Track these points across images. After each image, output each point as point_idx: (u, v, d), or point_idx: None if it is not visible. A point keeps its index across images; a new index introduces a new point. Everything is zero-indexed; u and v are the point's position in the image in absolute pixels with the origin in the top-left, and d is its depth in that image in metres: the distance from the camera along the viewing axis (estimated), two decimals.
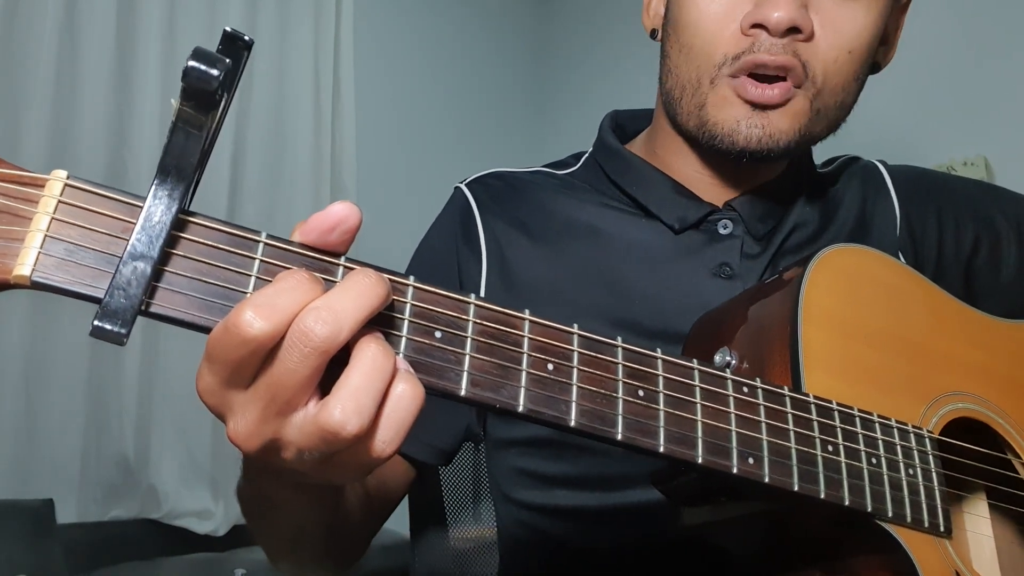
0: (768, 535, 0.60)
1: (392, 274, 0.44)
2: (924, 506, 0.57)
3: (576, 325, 0.48)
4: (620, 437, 0.47)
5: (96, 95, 2.21)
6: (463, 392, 0.44)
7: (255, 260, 0.41)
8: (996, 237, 0.86)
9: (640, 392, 0.48)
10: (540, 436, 0.81)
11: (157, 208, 0.39)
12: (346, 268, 0.43)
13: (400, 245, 1.11)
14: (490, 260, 0.84)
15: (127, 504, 2.19)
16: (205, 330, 0.40)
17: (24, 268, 0.37)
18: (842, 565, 0.57)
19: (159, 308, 0.39)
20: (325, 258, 0.43)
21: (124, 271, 0.38)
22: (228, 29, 0.39)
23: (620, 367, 0.48)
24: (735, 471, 0.50)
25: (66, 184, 0.39)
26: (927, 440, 0.59)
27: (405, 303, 0.44)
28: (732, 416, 0.51)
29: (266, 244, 0.42)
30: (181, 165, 0.39)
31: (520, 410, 0.45)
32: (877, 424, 0.57)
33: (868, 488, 0.54)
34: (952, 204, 0.87)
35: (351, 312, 0.39)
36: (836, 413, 0.55)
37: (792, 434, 0.53)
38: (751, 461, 0.51)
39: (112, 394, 2.19)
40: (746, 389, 0.52)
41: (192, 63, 0.37)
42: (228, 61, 0.38)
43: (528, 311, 0.47)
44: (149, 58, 2.30)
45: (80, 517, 2.11)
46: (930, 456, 0.59)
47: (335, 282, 0.42)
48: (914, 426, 0.59)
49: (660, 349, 0.50)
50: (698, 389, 0.51)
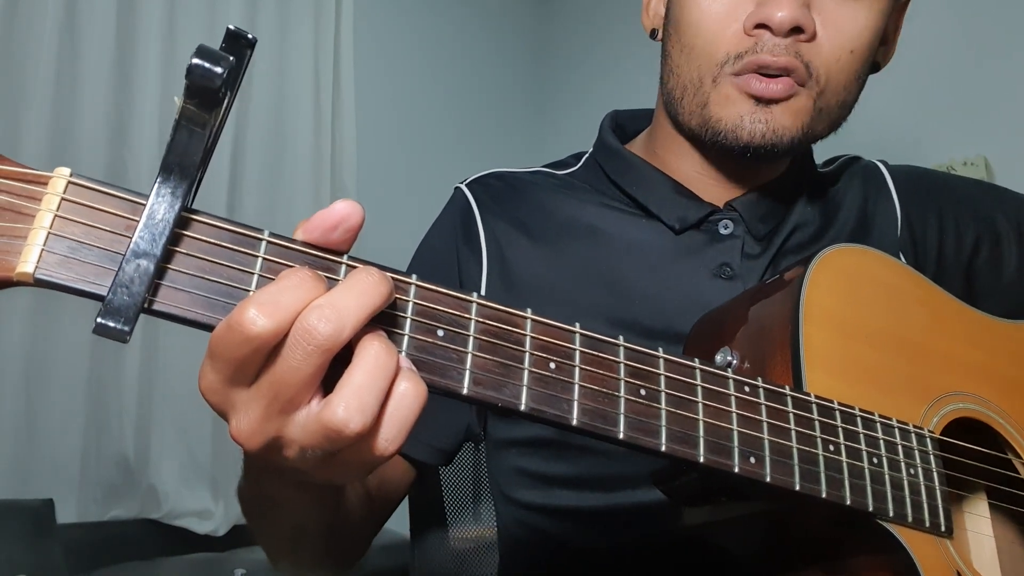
0: (769, 535, 0.60)
1: (395, 272, 0.44)
2: (925, 506, 0.57)
3: (578, 324, 0.48)
4: (622, 436, 0.47)
5: (96, 95, 2.21)
6: (465, 390, 0.44)
7: (258, 258, 0.42)
8: (997, 237, 0.86)
9: (642, 391, 0.48)
10: (540, 436, 0.81)
11: (160, 206, 0.39)
12: (349, 266, 0.43)
13: (400, 245, 1.11)
14: (490, 260, 0.84)
15: (127, 504, 2.19)
16: (208, 328, 0.40)
17: (27, 265, 0.37)
18: (843, 565, 0.57)
19: (162, 306, 0.39)
20: (328, 256, 0.43)
21: (127, 268, 0.38)
22: (231, 27, 0.39)
23: (622, 366, 0.48)
24: (736, 470, 0.50)
25: (70, 181, 0.39)
26: (928, 440, 0.59)
27: (408, 301, 0.44)
28: (734, 415, 0.51)
29: (269, 242, 0.42)
30: (184, 163, 0.39)
31: (522, 409, 0.45)
32: (878, 424, 0.57)
33: (869, 488, 0.55)
34: (953, 204, 0.87)
35: (354, 310, 0.39)
36: (837, 413, 0.56)
37: (794, 434, 0.53)
38: (753, 460, 0.51)
39: (112, 394, 2.19)
40: (747, 388, 0.52)
41: (196, 60, 0.37)
42: (232, 59, 0.38)
43: (530, 310, 0.47)
44: (149, 58, 2.30)
45: (80, 517, 2.11)
46: (931, 456, 0.59)
47: (338, 280, 0.42)
48: (915, 426, 0.59)
49: (661, 349, 0.50)
50: (700, 388, 0.51)
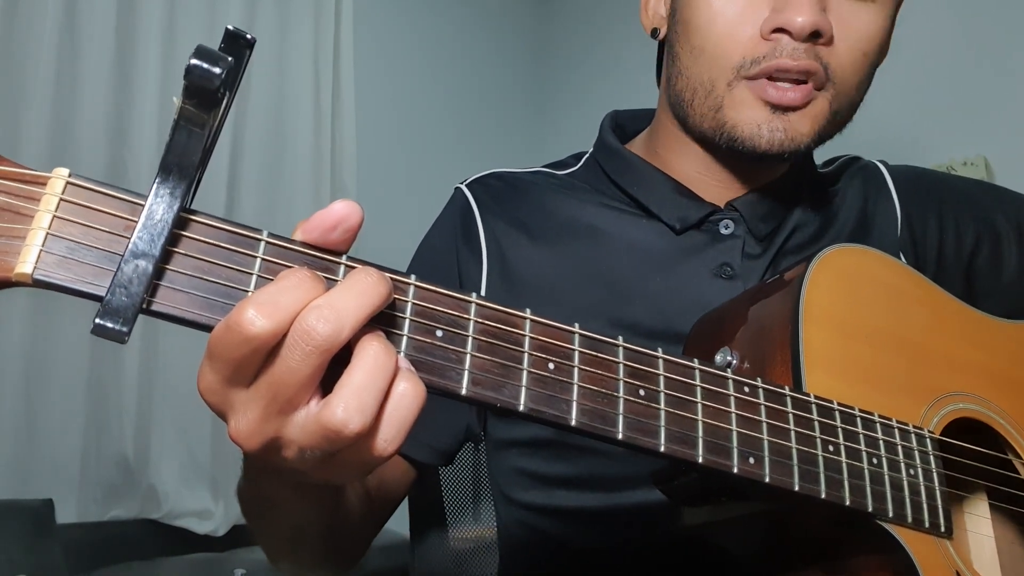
0: (768, 535, 0.60)
1: (394, 273, 0.44)
2: (925, 506, 0.57)
3: (577, 324, 0.48)
4: (621, 436, 0.47)
5: (96, 95, 2.21)
6: (464, 391, 0.44)
7: (257, 258, 0.41)
8: (997, 237, 0.86)
9: (641, 391, 0.48)
10: (540, 437, 0.81)
11: (159, 206, 0.39)
12: (348, 267, 0.43)
13: (400, 245, 1.11)
14: (491, 261, 0.83)
15: (127, 504, 2.19)
16: (207, 328, 0.40)
17: (26, 266, 0.37)
18: (842, 565, 0.57)
19: (161, 306, 0.39)
20: (327, 257, 0.43)
21: (126, 269, 0.38)
22: (230, 27, 0.39)
23: (621, 366, 0.48)
24: (736, 471, 0.50)
25: (68, 182, 0.39)
26: (928, 440, 0.59)
27: (406, 302, 0.44)
28: (733, 416, 0.51)
29: (268, 243, 0.42)
30: (183, 163, 0.39)
31: (521, 409, 0.45)
32: (878, 424, 0.57)
33: (869, 488, 0.54)
34: (953, 204, 0.87)
35: (353, 311, 0.39)
36: (837, 413, 0.55)
37: (793, 434, 0.53)
38: (752, 461, 0.51)
39: (112, 394, 2.19)
40: (747, 389, 0.52)
41: (194, 61, 0.37)
42: (230, 59, 0.38)
43: (529, 310, 0.47)
44: (149, 58, 2.30)
45: (80, 517, 2.11)
46: (931, 456, 0.59)
47: (337, 281, 0.42)
48: (915, 426, 0.59)
49: (661, 349, 0.50)
50: (699, 389, 0.51)
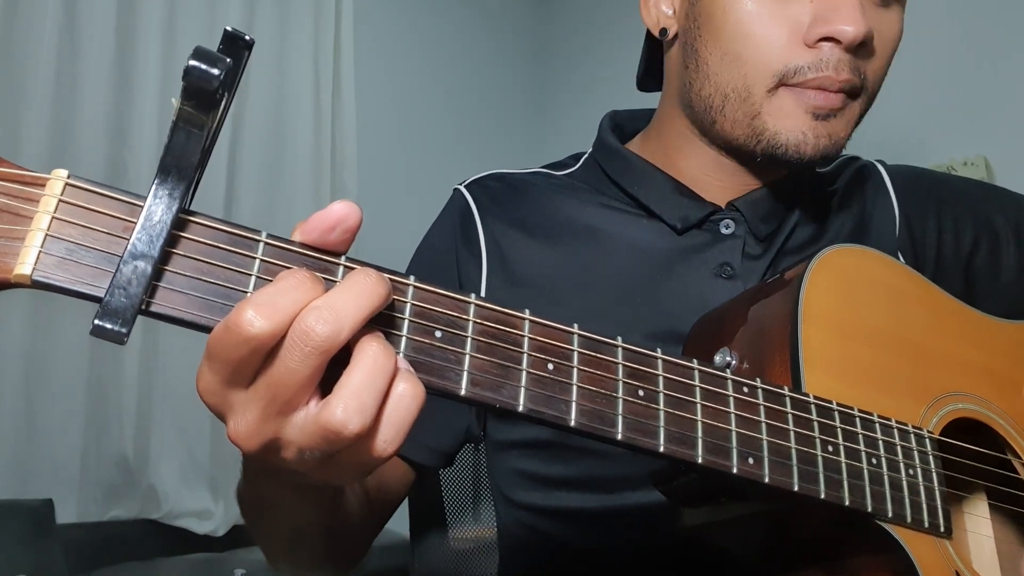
0: (768, 535, 0.60)
1: (392, 274, 0.44)
2: (924, 506, 0.57)
3: (576, 325, 0.48)
4: (620, 437, 0.47)
5: (96, 95, 2.21)
6: (463, 392, 0.44)
7: (256, 259, 0.42)
8: (995, 237, 0.86)
9: (640, 392, 0.48)
10: (540, 438, 0.81)
11: (158, 207, 0.39)
12: (347, 268, 0.43)
13: (400, 245, 1.11)
14: (490, 261, 0.83)
15: (127, 504, 2.19)
16: (206, 329, 0.40)
17: (25, 267, 0.37)
18: (842, 565, 0.57)
19: (160, 307, 0.39)
20: (326, 258, 0.43)
21: (125, 270, 0.38)
22: (229, 29, 0.39)
23: (620, 367, 0.48)
24: (735, 471, 0.50)
25: (67, 183, 0.39)
26: (927, 440, 0.59)
27: (405, 303, 0.44)
28: (732, 416, 0.51)
29: (267, 243, 0.42)
30: (182, 164, 0.39)
31: (520, 410, 0.45)
32: (877, 424, 0.57)
33: (868, 488, 0.54)
34: (951, 204, 0.87)
35: (352, 311, 0.39)
36: (836, 413, 0.56)
37: (792, 434, 0.53)
38: (751, 461, 0.51)
39: (112, 394, 2.19)
40: (746, 389, 0.52)
41: (193, 62, 0.37)
42: (229, 61, 0.38)
43: (528, 311, 0.47)
44: (149, 58, 2.30)
45: (80, 517, 2.11)
46: (930, 456, 0.59)
47: (336, 282, 0.42)
48: (914, 426, 0.59)
49: (660, 349, 0.50)
50: (698, 389, 0.51)
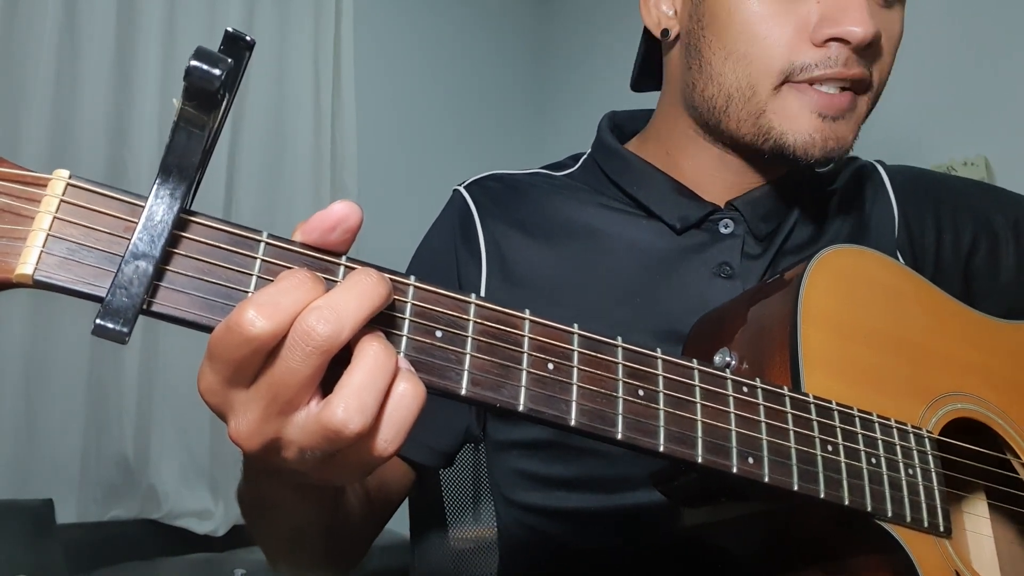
0: (768, 535, 0.61)
1: (393, 274, 0.44)
2: (924, 506, 0.57)
3: (576, 325, 0.48)
4: (620, 436, 0.47)
5: (96, 95, 2.21)
6: (464, 391, 0.44)
7: (257, 259, 0.42)
8: (994, 237, 0.86)
9: (640, 392, 0.48)
10: (540, 438, 0.81)
11: (159, 207, 0.39)
12: (347, 268, 0.43)
13: (400, 245, 1.11)
14: (490, 262, 0.83)
15: (127, 504, 2.19)
16: (207, 329, 0.40)
17: (27, 267, 0.37)
18: (842, 565, 0.57)
19: (161, 307, 0.39)
20: (326, 258, 0.43)
21: (126, 270, 0.38)
22: (230, 29, 0.39)
23: (620, 367, 0.48)
24: (735, 470, 0.50)
25: (68, 183, 0.39)
26: (926, 440, 0.59)
27: (406, 303, 0.44)
28: (732, 416, 0.51)
29: (267, 244, 0.42)
30: (183, 164, 0.39)
31: (520, 409, 0.45)
32: (876, 424, 0.57)
33: (868, 488, 0.55)
34: (950, 204, 0.87)
35: (353, 311, 0.39)
36: (836, 413, 0.56)
37: (792, 434, 0.53)
38: (751, 461, 0.51)
39: (112, 394, 2.19)
40: (746, 389, 0.53)
41: (194, 63, 0.37)
42: (230, 61, 0.38)
43: (528, 311, 0.47)
44: (149, 58, 2.30)
45: (80, 517, 2.11)
46: (929, 456, 0.59)
47: (336, 282, 0.42)
48: (913, 426, 0.59)
49: (660, 349, 0.50)
50: (698, 389, 0.51)
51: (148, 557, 2.00)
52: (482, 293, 0.82)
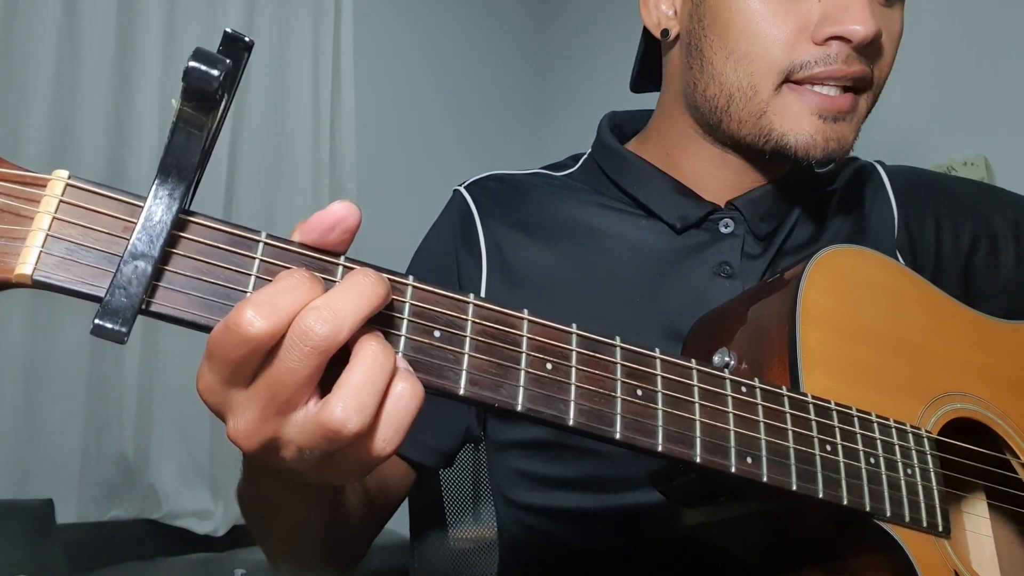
0: (767, 535, 0.61)
1: (391, 274, 0.44)
2: (923, 506, 0.57)
3: (575, 325, 0.48)
4: (618, 436, 0.47)
5: (96, 95, 2.21)
6: (462, 391, 0.44)
7: (255, 259, 0.42)
8: (994, 238, 0.86)
9: (638, 391, 0.48)
10: (540, 438, 0.81)
11: (158, 208, 0.39)
12: (346, 268, 0.43)
13: (400, 245, 1.11)
14: (490, 263, 0.84)
15: (127, 504, 2.19)
16: (206, 329, 0.40)
17: (26, 267, 0.37)
18: (841, 564, 0.57)
19: (160, 307, 0.40)
20: (325, 258, 0.43)
21: (125, 270, 0.38)
22: (229, 30, 0.39)
23: (619, 367, 0.48)
24: (733, 470, 0.50)
25: (67, 184, 0.39)
26: (925, 440, 0.59)
27: (404, 303, 0.44)
28: (730, 416, 0.51)
29: (266, 244, 0.42)
30: (182, 165, 0.40)
31: (519, 409, 0.45)
32: (875, 424, 0.57)
33: (866, 487, 0.55)
34: (950, 204, 0.87)
35: (351, 311, 0.39)
36: (834, 413, 0.56)
37: (790, 434, 0.53)
38: (749, 460, 0.51)
39: (112, 394, 2.19)
40: (744, 389, 0.53)
41: (193, 64, 0.37)
42: (228, 62, 0.38)
43: (527, 311, 0.47)
44: (149, 58, 2.30)
45: (80, 517, 2.11)
46: (928, 456, 0.59)
47: (335, 282, 0.42)
48: (912, 426, 0.59)
49: (659, 349, 0.50)
50: (696, 389, 0.51)
51: (148, 557, 2.00)
52: (482, 293, 0.82)
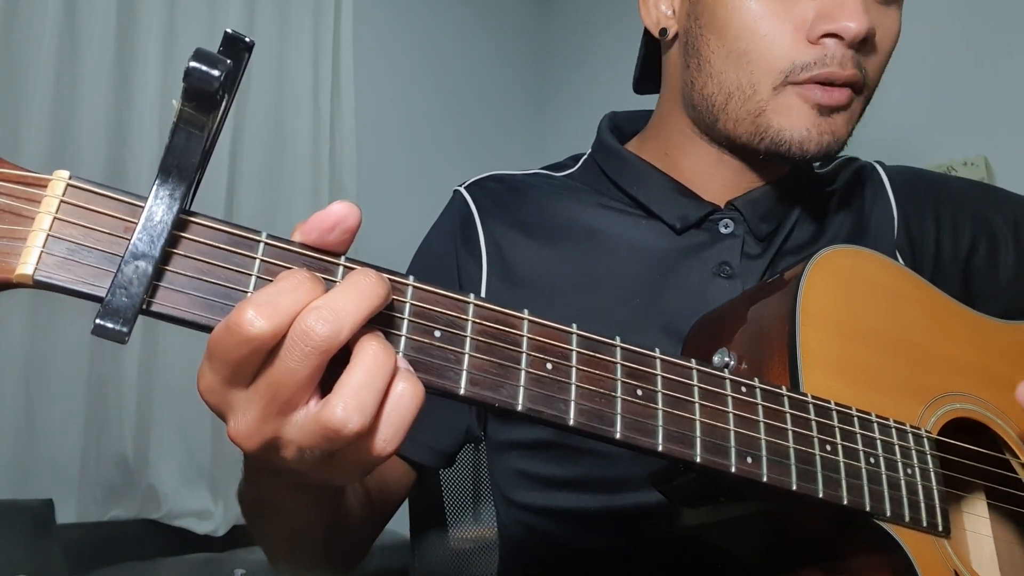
0: (767, 535, 0.61)
1: (392, 274, 0.44)
2: (922, 506, 0.57)
3: (575, 325, 0.48)
4: (619, 436, 0.47)
5: (96, 95, 2.21)
6: (462, 391, 0.44)
7: (256, 260, 0.42)
8: (993, 238, 0.86)
9: (639, 391, 0.48)
10: (540, 438, 0.81)
11: (158, 208, 0.39)
12: (346, 268, 0.43)
13: (400, 245, 1.11)
14: (490, 263, 0.84)
15: (127, 504, 2.19)
16: (207, 329, 0.40)
17: (27, 267, 0.37)
18: (841, 564, 0.57)
19: (161, 307, 0.40)
20: (325, 258, 0.43)
21: (126, 270, 0.38)
22: (229, 31, 0.39)
23: (619, 367, 0.48)
24: (733, 470, 0.50)
25: (68, 184, 0.39)
26: (925, 440, 0.60)
27: (405, 303, 0.44)
28: (730, 416, 0.51)
29: (267, 244, 0.42)
30: (182, 165, 0.40)
31: (519, 409, 0.45)
32: (875, 424, 0.57)
33: (866, 487, 0.55)
34: (949, 205, 0.87)
35: (352, 311, 0.39)
36: (834, 413, 0.56)
37: (790, 433, 0.53)
38: (749, 460, 0.51)
39: (112, 394, 2.19)
40: (744, 389, 0.53)
41: (193, 64, 0.37)
42: (229, 62, 0.38)
43: (527, 311, 0.47)
44: (149, 58, 2.30)
45: (80, 517, 2.11)
46: (928, 456, 0.59)
47: (335, 282, 0.43)
48: (912, 426, 0.59)
49: (659, 349, 0.50)
50: (696, 389, 0.51)
51: (148, 557, 2.00)
52: (482, 293, 0.82)
